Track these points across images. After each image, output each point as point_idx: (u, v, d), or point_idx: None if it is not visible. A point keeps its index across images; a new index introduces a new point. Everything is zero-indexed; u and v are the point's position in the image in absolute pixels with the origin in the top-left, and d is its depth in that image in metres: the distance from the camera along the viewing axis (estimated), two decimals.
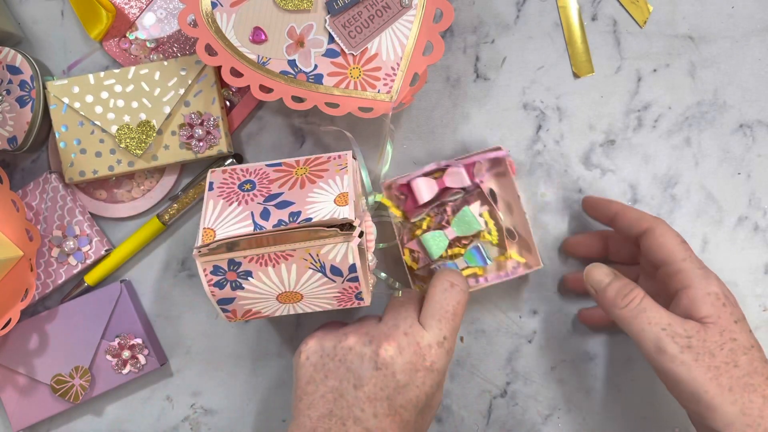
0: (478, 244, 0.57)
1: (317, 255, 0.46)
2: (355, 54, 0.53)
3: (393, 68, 0.53)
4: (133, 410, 0.61)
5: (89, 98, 0.57)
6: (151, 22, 0.59)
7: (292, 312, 0.51)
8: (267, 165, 0.53)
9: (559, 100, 0.59)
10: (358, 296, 0.49)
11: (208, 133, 0.57)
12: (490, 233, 0.58)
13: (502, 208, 0.58)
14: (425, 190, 0.56)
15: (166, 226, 0.60)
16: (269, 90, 0.53)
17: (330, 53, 0.53)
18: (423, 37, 0.53)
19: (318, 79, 0.53)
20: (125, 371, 0.58)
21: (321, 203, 0.48)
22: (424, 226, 0.57)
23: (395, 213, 0.57)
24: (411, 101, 0.56)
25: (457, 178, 0.56)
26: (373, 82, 0.53)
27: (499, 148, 0.56)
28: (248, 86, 0.53)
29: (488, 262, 0.57)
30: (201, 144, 0.57)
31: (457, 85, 0.60)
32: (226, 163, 0.59)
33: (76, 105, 0.57)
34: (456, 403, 0.61)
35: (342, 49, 0.53)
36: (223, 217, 0.48)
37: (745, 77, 0.59)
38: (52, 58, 0.60)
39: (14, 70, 0.57)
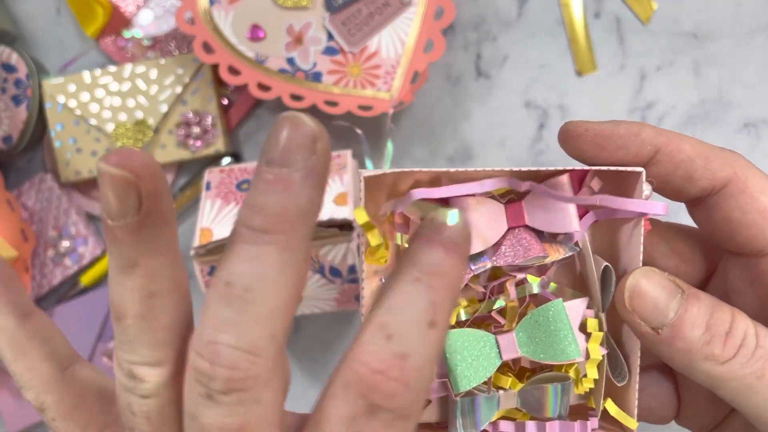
0: (560, 385, 0.29)
1: (316, 256, 0.46)
2: (354, 52, 0.52)
3: (393, 66, 0.53)
4: None
5: (85, 97, 0.56)
6: (148, 20, 0.59)
7: None
8: None
9: (562, 99, 0.59)
10: (358, 297, 0.49)
11: (206, 131, 0.56)
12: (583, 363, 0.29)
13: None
14: (484, 224, 0.27)
15: None
16: (267, 88, 0.53)
17: (329, 51, 0.52)
18: (424, 34, 0.52)
19: (317, 77, 0.53)
20: None
21: None
22: (452, 316, 0.28)
23: (373, 241, 0.27)
24: (411, 100, 0.55)
25: (553, 214, 0.28)
26: (373, 81, 0.53)
27: (639, 171, 0.28)
28: (246, 84, 0.53)
29: (559, 411, 0.29)
30: (198, 143, 0.56)
31: (459, 84, 0.59)
32: (223, 163, 0.58)
33: (72, 103, 0.56)
34: None
35: (341, 47, 0.52)
36: (221, 217, 0.48)
37: (750, 75, 0.58)
38: (47, 55, 0.60)
39: (9, 68, 0.56)
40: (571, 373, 0.29)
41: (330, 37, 0.52)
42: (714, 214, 0.28)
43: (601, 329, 0.28)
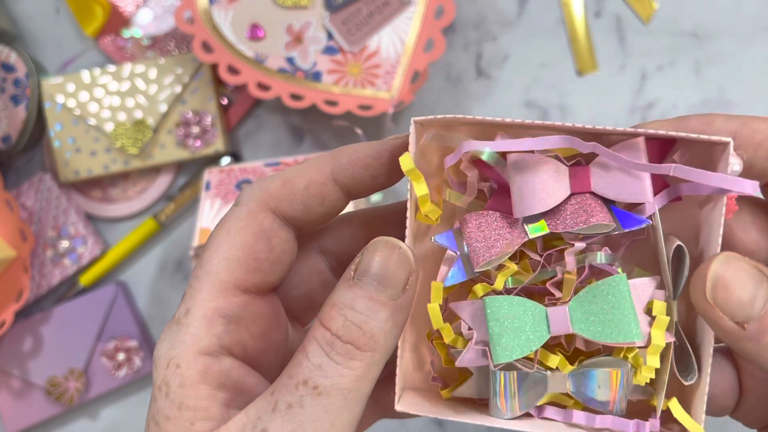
0: (623, 370, 0.25)
1: None
2: (354, 51, 0.52)
3: (393, 66, 0.52)
4: (129, 413, 0.60)
5: (84, 96, 0.56)
6: (147, 19, 0.58)
7: None
8: (265, 164, 0.52)
9: (563, 98, 0.58)
10: None
11: (205, 131, 0.56)
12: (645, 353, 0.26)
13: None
14: (542, 185, 0.24)
15: (161, 227, 0.59)
16: (267, 88, 0.53)
17: (329, 50, 0.52)
18: (424, 34, 0.52)
19: (317, 76, 0.52)
20: (121, 374, 0.58)
21: None
22: (498, 280, 0.25)
23: (419, 191, 0.25)
24: (411, 99, 0.55)
25: (624, 181, 0.24)
26: (373, 80, 0.52)
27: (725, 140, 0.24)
28: (245, 84, 0.52)
29: (617, 408, 0.25)
30: (197, 143, 0.56)
31: (459, 83, 0.59)
32: (223, 163, 0.58)
33: (71, 103, 0.56)
34: None
35: (341, 47, 0.52)
36: (221, 217, 0.47)
37: (750, 75, 0.58)
38: (46, 55, 0.60)
39: (8, 67, 0.56)
40: (631, 361, 0.25)
41: (330, 36, 0.52)
42: None
43: (668, 314, 0.24)
